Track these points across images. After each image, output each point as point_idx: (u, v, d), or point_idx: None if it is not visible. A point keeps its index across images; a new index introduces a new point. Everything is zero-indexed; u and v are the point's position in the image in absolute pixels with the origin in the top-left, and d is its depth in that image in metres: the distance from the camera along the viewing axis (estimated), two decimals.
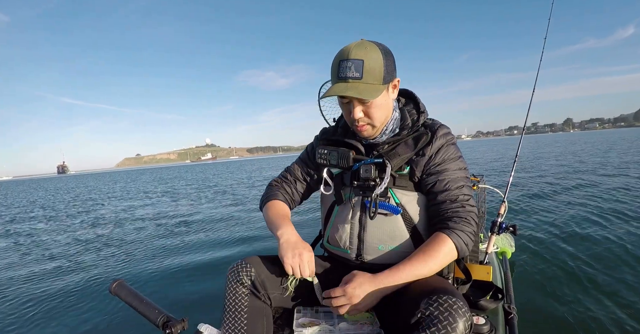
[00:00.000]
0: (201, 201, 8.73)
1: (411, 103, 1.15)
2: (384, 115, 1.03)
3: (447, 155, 1.03)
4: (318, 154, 1.16)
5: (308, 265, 0.98)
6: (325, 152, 1.13)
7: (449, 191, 0.99)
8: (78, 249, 4.54)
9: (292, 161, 1.31)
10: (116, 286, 0.94)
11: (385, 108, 1.02)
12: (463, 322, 0.73)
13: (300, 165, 1.26)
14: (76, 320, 2.36)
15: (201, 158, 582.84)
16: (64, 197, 14.63)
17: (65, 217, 8.04)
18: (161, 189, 14.25)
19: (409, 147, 1.04)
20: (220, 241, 4.29)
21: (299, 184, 1.25)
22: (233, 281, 1.01)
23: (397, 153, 1.04)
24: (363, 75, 0.92)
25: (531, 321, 1.81)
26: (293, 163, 1.28)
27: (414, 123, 1.08)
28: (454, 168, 1.02)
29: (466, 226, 0.95)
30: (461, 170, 1.03)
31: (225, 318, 1.00)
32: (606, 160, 10.66)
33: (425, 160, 1.02)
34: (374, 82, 0.94)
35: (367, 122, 1.02)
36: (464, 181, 1.02)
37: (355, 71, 0.92)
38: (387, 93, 1.00)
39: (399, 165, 1.04)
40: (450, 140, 1.05)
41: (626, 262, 2.54)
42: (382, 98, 0.99)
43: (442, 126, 1.07)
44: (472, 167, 12.24)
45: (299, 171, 1.25)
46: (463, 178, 1.03)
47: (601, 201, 4.71)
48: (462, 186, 1.01)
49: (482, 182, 2.22)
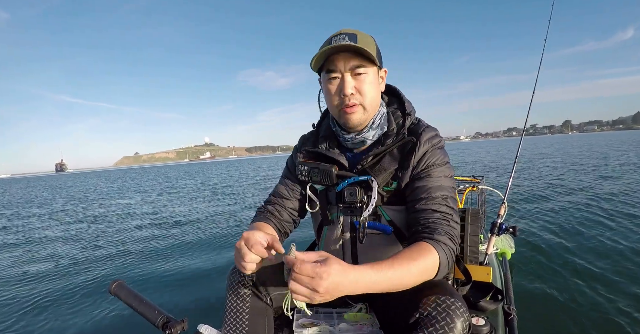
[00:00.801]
0: (201, 201, 8.72)
1: (395, 102, 1.09)
2: (375, 99, 0.97)
3: (432, 161, 0.94)
4: (298, 171, 1.07)
5: (252, 247, 0.76)
6: (306, 168, 1.04)
7: (430, 199, 0.89)
8: (77, 248, 4.53)
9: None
10: (116, 287, 0.93)
11: (376, 91, 0.97)
12: (461, 322, 0.73)
13: (285, 183, 1.15)
14: (76, 320, 2.35)
15: (200, 157, 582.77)
16: (62, 195, 14.61)
17: (64, 216, 8.03)
18: (160, 188, 14.24)
19: (395, 158, 0.97)
20: (221, 241, 4.29)
21: (289, 203, 1.12)
22: (235, 282, 1.00)
23: (383, 167, 0.97)
24: (358, 43, 0.89)
25: (531, 322, 1.81)
26: (277, 184, 1.17)
27: (399, 129, 1.00)
28: (438, 174, 0.93)
29: (450, 243, 0.83)
30: (446, 178, 0.94)
31: (227, 319, 1.00)
32: (605, 162, 10.69)
33: (409, 172, 0.95)
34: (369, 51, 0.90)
35: (359, 100, 0.94)
36: (448, 191, 0.92)
37: (350, 40, 0.89)
38: (377, 76, 0.97)
39: (386, 180, 0.97)
40: (436, 144, 0.96)
41: (627, 263, 2.54)
42: (374, 77, 0.96)
43: (426, 129, 0.98)
44: (471, 168, 12.25)
45: (285, 189, 1.13)
46: (447, 187, 0.92)
47: (602, 202, 4.72)
48: (445, 197, 0.90)
49: (482, 183, 2.23)
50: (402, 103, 1.06)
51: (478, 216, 1.44)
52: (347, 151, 1.07)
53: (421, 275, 0.76)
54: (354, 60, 0.91)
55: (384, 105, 1.05)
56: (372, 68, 0.94)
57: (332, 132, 1.08)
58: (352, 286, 0.67)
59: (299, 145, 1.16)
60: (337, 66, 0.93)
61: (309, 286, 0.65)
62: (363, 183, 0.98)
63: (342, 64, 0.92)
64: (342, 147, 1.07)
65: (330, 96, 0.97)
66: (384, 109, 1.04)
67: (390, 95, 1.11)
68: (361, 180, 0.97)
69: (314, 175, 1.03)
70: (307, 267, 0.65)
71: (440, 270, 0.79)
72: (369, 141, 1.01)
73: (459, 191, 2.13)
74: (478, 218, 1.43)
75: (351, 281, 0.67)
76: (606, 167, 9.24)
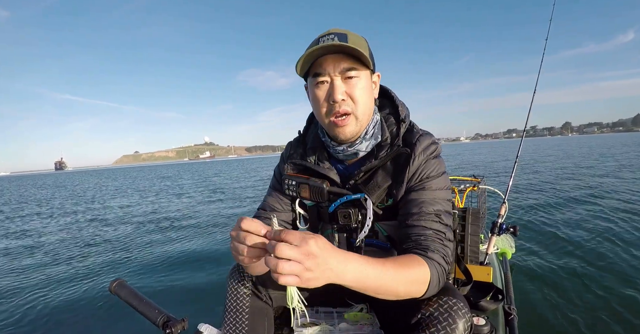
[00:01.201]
0: (201, 200, 8.72)
1: (387, 106, 0.99)
2: (369, 107, 0.88)
3: (427, 173, 0.87)
4: (285, 185, 0.98)
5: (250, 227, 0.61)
6: (294, 183, 0.95)
7: (423, 215, 0.83)
8: (77, 247, 4.53)
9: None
10: (116, 286, 0.93)
11: (370, 98, 0.88)
12: (463, 323, 0.73)
13: (274, 195, 1.05)
14: (75, 320, 2.35)
15: (199, 157, 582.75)
16: (61, 193, 14.61)
17: (63, 215, 8.03)
18: (160, 187, 14.24)
19: (388, 172, 0.90)
20: (221, 240, 4.29)
21: (282, 215, 1.03)
22: (235, 281, 1.00)
23: (377, 183, 0.89)
24: (348, 43, 0.79)
25: (531, 322, 1.81)
26: (266, 195, 1.07)
27: (393, 139, 0.92)
28: (432, 187, 0.86)
29: (443, 262, 0.77)
30: (441, 190, 0.87)
31: (227, 318, 1.00)
32: (604, 164, 10.68)
33: (404, 187, 0.88)
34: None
35: (350, 108, 0.85)
36: (442, 205, 0.85)
37: (339, 41, 0.79)
38: (370, 81, 0.89)
39: (381, 197, 0.90)
40: (431, 154, 0.89)
41: (627, 262, 2.54)
42: (367, 82, 0.87)
43: (421, 138, 0.89)
44: (471, 169, 12.24)
45: (276, 201, 1.03)
46: (442, 200, 0.86)
47: (602, 201, 4.72)
48: (439, 213, 0.83)
49: (482, 183, 2.23)
50: (394, 106, 0.98)
51: (478, 216, 1.44)
52: (338, 163, 0.98)
53: (411, 284, 0.70)
54: (344, 63, 0.82)
55: (377, 111, 0.97)
56: (365, 72, 0.85)
57: (321, 143, 0.99)
58: (341, 267, 0.59)
59: (286, 155, 1.06)
60: (325, 69, 0.83)
61: (296, 254, 0.54)
62: (357, 201, 0.90)
63: (332, 67, 0.82)
64: (333, 158, 0.98)
65: (318, 103, 0.86)
66: (378, 116, 0.96)
67: (381, 97, 1.01)
68: (354, 199, 0.90)
69: (302, 191, 0.94)
70: (295, 233, 0.56)
71: (429, 288, 0.73)
72: (362, 153, 0.93)
73: (460, 191, 2.13)
74: (478, 217, 1.43)
75: (339, 261, 0.59)
76: (606, 167, 9.24)
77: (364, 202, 0.89)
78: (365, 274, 0.63)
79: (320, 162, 0.98)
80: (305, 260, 0.54)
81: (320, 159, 0.98)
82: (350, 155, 0.94)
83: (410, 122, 0.96)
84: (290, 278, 0.54)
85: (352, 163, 0.97)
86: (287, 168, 1.02)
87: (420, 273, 0.72)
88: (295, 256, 0.54)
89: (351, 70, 0.82)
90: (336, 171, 0.96)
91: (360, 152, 0.92)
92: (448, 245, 0.81)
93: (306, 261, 0.54)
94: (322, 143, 0.99)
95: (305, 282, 0.56)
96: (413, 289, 0.71)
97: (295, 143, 1.06)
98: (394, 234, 0.93)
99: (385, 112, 0.99)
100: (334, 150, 0.95)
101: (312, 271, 0.55)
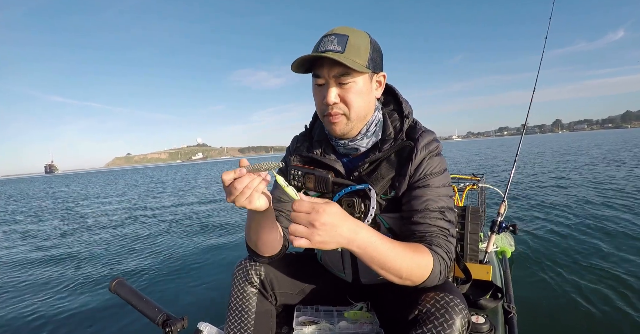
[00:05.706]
0: (201, 199, 8.72)
1: (392, 102, 1.02)
2: (363, 108, 0.90)
3: (429, 169, 0.90)
4: (291, 175, 1.00)
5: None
6: (300, 173, 0.98)
7: (428, 212, 0.86)
8: (77, 246, 4.53)
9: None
10: (116, 285, 0.94)
11: (365, 100, 0.89)
12: (460, 319, 0.73)
13: (279, 187, 1.04)
14: (75, 319, 2.35)
15: (192, 158, 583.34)
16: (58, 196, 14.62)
17: (64, 214, 8.03)
18: (161, 186, 14.24)
19: (392, 164, 0.93)
20: (222, 237, 4.29)
21: (288, 205, 1.05)
22: (241, 280, 0.98)
23: (381, 174, 0.92)
24: (346, 49, 0.81)
25: (531, 320, 1.81)
26: (272, 189, 1.07)
27: (396, 134, 0.95)
28: (435, 184, 0.89)
29: (446, 257, 0.81)
30: (444, 187, 0.90)
31: (230, 317, 0.98)
32: (604, 161, 10.68)
33: (406, 180, 0.90)
34: (356, 60, 0.82)
35: (342, 110, 0.87)
36: (446, 202, 0.88)
37: (338, 44, 0.81)
38: (369, 83, 0.89)
39: (384, 188, 0.93)
40: (434, 150, 0.92)
41: (627, 261, 2.54)
42: (364, 86, 0.87)
43: (424, 133, 0.93)
44: (470, 167, 12.24)
45: (282, 192, 1.03)
46: (445, 196, 0.89)
47: (601, 199, 4.72)
48: (443, 210, 0.87)
49: (482, 181, 2.22)
50: (398, 102, 1.00)
51: (478, 214, 1.44)
52: (342, 157, 1.01)
53: (416, 266, 0.75)
54: (337, 69, 0.83)
55: (379, 109, 0.98)
56: (361, 76, 0.86)
57: (326, 136, 1.03)
58: (350, 235, 0.68)
59: (292, 147, 1.09)
60: (321, 72, 0.85)
61: (306, 221, 0.65)
62: (361, 192, 0.93)
63: (326, 71, 0.84)
64: (337, 152, 1.02)
65: (317, 102, 0.92)
66: (380, 114, 0.98)
67: (386, 94, 1.04)
68: (358, 189, 0.93)
69: (308, 181, 0.97)
70: (305, 203, 0.67)
71: (430, 276, 0.76)
72: (363, 148, 0.96)
73: (459, 190, 2.12)
74: (478, 216, 1.43)
75: (350, 229, 0.68)
76: (602, 164, 9.24)
77: (368, 192, 0.91)
78: (374, 245, 0.70)
79: (327, 154, 1.01)
80: (313, 225, 0.65)
81: (326, 152, 1.01)
82: (351, 149, 0.97)
83: (414, 119, 0.99)
84: (302, 241, 0.66)
85: (356, 156, 1.00)
86: (293, 159, 1.05)
87: (425, 260, 0.77)
88: (304, 222, 0.66)
89: (345, 75, 0.84)
90: (341, 164, 0.99)
91: (361, 147, 0.96)
92: (452, 242, 0.85)
93: (315, 226, 0.65)
94: (327, 136, 1.02)
95: (317, 245, 0.66)
96: (415, 273, 0.76)
97: (301, 136, 1.09)
98: (395, 227, 0.95)
99: (389, 108, 1.01)
100: (336, 143, 0.98)
101: (320, 235, 0.65)
